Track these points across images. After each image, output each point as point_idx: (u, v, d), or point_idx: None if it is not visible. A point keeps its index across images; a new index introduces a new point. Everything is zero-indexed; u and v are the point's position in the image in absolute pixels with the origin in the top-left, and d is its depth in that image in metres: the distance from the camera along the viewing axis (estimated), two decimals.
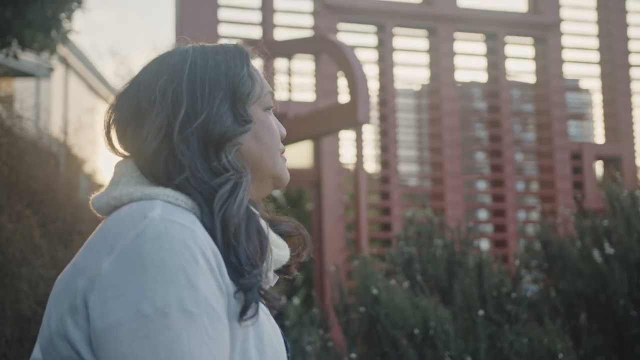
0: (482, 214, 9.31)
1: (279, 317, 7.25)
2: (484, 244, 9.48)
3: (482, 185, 10.52)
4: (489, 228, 7.87)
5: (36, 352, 1.18)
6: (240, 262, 1.16)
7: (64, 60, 14.06)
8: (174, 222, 1.11)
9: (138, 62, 1.32)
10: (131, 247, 1.08)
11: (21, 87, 13.26)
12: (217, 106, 1.25)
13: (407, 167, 8.44)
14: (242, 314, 1.14)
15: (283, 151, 1.38)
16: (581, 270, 4.68)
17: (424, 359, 3.63)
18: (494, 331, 3.83)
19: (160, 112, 1.23)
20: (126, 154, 1.29)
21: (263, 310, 1.23)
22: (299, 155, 7.53)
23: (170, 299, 1.05)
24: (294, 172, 6.71)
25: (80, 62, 14.93)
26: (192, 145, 1.21)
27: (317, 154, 6.96)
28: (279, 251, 1.34)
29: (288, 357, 1.34)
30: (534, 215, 7.77)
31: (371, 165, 8.03)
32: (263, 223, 1.27)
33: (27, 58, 10.94)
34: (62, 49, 13.37)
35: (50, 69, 11.87)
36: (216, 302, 1.10)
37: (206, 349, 1.06)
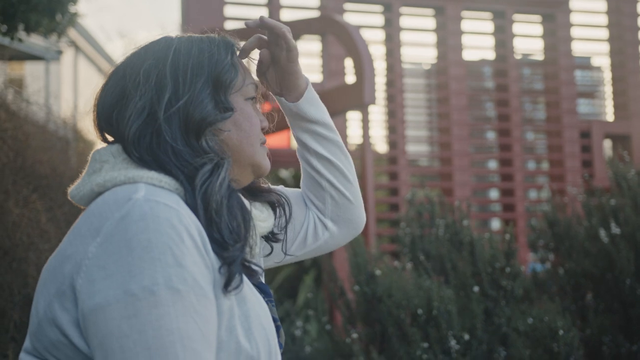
0: (494, 194, 9.29)
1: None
2: (495, 223, 9.46)
3: (493, 164, 10.52)
4: (498, 207, 7.85)
5: (27, 342, 1.20)
6: (223, 237, 1.19)
7: (73, 44, 14.11)
8: (158, 202, 1.13)
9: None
10: (117, 229, 1.10)
11: (31, 71, 13.31)
12: (199, 91, 1.28)
13: (416, 148, 8.41)
14: (226, 285, 1.16)
15: (264, 142, 1.41)
16: (588, 250, 4.68)
17: (427, 338, 3.65)
18: (491, 307, 3.84)
19: (143, 94, 1.26)
20: (110, 139, 1.32)
21: (252, 289, 1.26)
22: None
23: (157, 277, 1.07)
24: None
25: (90, 44, 14.96)
26: (174, 126, 1.25)
27: None
28: (262, 223, 1.39)
29: (279, 327, 1.36)
30: (544, 195, 7.73)
31: (380, 146, 8.03)
32: (245, 200, 1.32)
33: (37, 41, 10.98)
34: (71, 32, 13.41)
35: (59, 52, 11.92)
36: (203, 279, 1.12)
37: (194, 325, 1.08)
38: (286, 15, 7.14)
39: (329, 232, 1.60)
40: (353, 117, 6.97)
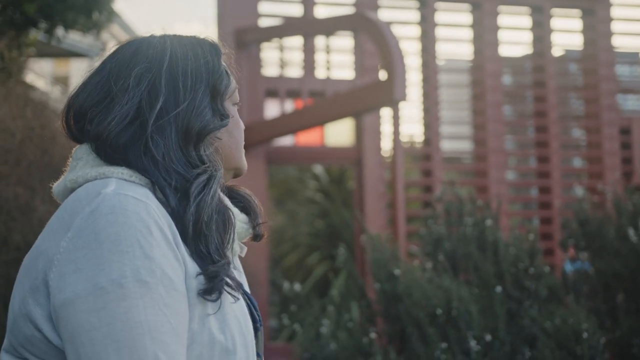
0: (535, 191, 9.16)
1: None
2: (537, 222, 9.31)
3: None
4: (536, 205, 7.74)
5: (5, 340, 1.22)
6: (210, 251, 1.20)
7: (116, 40, 14.32)
8: (127, 196, 1.14)
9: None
10: (86, 223, 1.12)
11: (76, 68, 13.55)
12: (200, 99, 1.28)
13: (452, 145, 8.34)
14: (204, 294, 1.17)
15: (243, 144, 1.42)
16: (618, 250, 4.58)
17: (446, 338, 3.62)
18: (515, 308, 3.79)
19: (131, 98, 1.25)
20: (83, 138, 1.30)
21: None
22: (340, 133, 7.52)
23: (125, 270, 1.08)
24: (336, 151, 6.73)
25: None
26: (167, 136, 1.24)
27: (359, 132, 6.94)
28: (241, 223, 1.37)
29: (259, 327, 1.36)
30: (582, 193, 7.58)
31: (417, 143, 7.97)
32: (228, 203, 1.31)
33: (82, 39, 11.17)
34: (114, 29, 13.60)
35: (102, 50, 12.09)
36: (172, 272, 1.13)
37: (163, 317, 1.09)
38: (320, 11, 7.13)
39: None
40: (387, 114, 6.94)
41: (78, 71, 12.63)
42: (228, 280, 1.21)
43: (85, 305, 1.07)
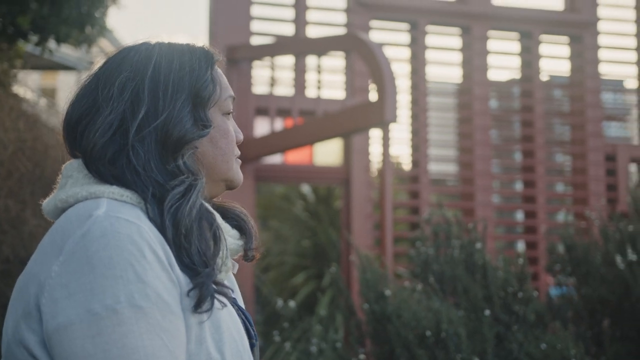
0: (521, 215, 9.22)
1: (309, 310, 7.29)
2: (523, 245, 9.38)
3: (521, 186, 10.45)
4: (521, 230, 7.78)
5: None
6: (193, 262, 1.17)
7: (104, 53, 14.30)
8: (118, 218, 1.12)
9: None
10: (78, 246, 1.09)
11: (64, 81, 13.52)
12: (179, 108, 1.25)
13: (439, 167, 8.38)
14: (197, 307, 1.15)
15: (238, 155, 1.39)
16: (604, 276, 4.61)
17: None
18: (503, 332, 3.81)
19: (115, 108, 1.23)
20: (77, 154, 1.28)
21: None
22: (328, 153, 7.54)
23: (119, 295, 1.06)
24: (324, 170, 6.73)
25: None
26: (147, 145, 1.22)
27: (348, 151, 6.97)
28: (234, 240, 1.35)
29: (254, 343, 1.35)
30: (570, 218, 7.64)
31: (404, 165, 8.01)
32: (218, 218, 1.29)
33: (70, 52, 11.16)
34: (102, 42, 13.59)
35: (91, 63, 12.09)
36: (167, 295, 1.11)
37: (160, 342, 1.08)
38: (312, 31, 7.16)
39: None
40: (376, 135, 6.98)
41: (65, 84, 12.59)
42: (215, 287, 1.19)
43: (79, 331, 1.06)
